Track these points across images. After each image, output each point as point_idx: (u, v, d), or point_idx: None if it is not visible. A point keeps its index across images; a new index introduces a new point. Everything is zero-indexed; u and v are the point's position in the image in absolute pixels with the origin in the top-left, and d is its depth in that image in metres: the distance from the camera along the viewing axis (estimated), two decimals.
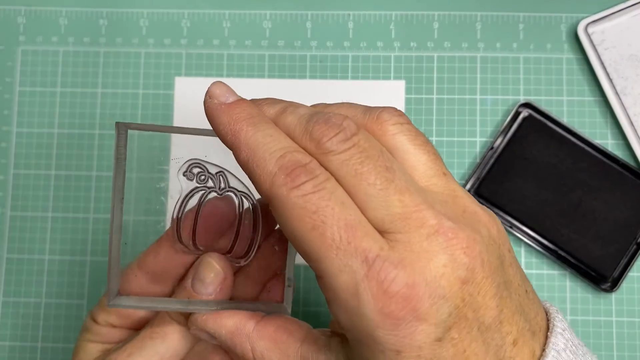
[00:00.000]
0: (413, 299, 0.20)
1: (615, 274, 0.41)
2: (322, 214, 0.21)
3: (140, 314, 0.31)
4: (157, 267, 0.29)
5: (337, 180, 0.22)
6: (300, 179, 0.22)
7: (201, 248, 0.29)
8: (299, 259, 0.30)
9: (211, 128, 0.25)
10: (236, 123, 0.24)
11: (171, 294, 0.30)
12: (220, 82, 0.25)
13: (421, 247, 0.21)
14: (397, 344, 0.21)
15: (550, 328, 0.24)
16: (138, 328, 0.31)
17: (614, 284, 0.41)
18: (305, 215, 0.21)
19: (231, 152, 0.24)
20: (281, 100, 0.26)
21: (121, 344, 0.30)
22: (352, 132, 0.23)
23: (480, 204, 0.24)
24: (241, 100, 0.25)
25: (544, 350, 0.23)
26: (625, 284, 0.42)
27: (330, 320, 0.27)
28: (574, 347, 0.23)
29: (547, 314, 0.25)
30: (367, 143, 0.23)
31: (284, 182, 0.22)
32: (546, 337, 0.24)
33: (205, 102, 0.25)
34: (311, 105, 0.26)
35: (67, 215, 0.44)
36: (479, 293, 0.22)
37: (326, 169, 0.22)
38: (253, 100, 0.26)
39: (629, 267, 0.41)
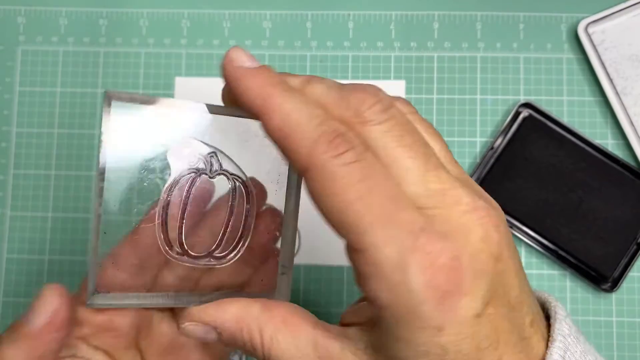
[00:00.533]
0: (458, 271, 0.20)
1: (616, 274, 0.41)
2: (367, 183, 0.20)
3: None
4: (136, 259, 0.27)
5: (374, 151, 0.21)
6: (342, 147, 0.21)
7: (187, 247, 0.27)
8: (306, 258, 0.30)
9: (202, 104, 0.24)
10: (267, 87, 0.22)
11: (150, 287, 0.28)
12: (240, 47, 0.24)
13: (459, 223, 0.21)
14: (439, 319, 0.20)
15: (553, 315, 0.24)
16: None
17: (614, 284, 0.41)
18: (350, 185, 0.20)
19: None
20: (300, 75, 0.24)
21: None
22: (389, 103, 0.22)
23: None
24: (267, 66, 0.23)
25: (549, 335, 0.23)
26: (625, 284, 0.42)
27: (344, 313, 0.26)
28: (576, 333, 0.24)
29: (545, 302, 0.25)
30: (402, 117, 0.22)
31: (326, 150, 0.21)
32: (547, 322, 0.24)
33: (225, 66, 0.23)
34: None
35: (67, 215, 0.44)
36: (506, 271, 0.22)
37: (364, 138, 0.22)
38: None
39: (629, 267, 0.41)
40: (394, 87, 0.44)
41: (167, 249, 0.26)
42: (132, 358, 0.29)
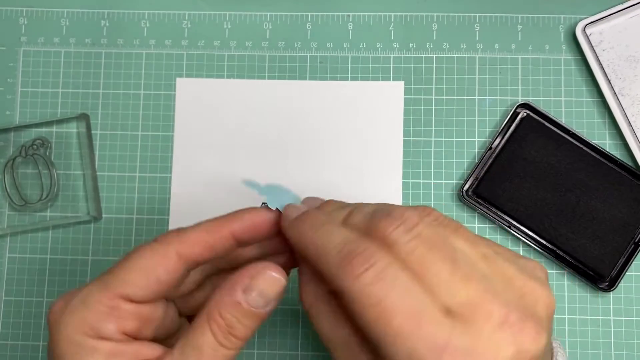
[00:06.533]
0: None
1: (613, 273, 0.41)
2: (384, 305, 0.22)
3: (159, 312, 0.27)
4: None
5: (404, 264, 0.23)
6: (361, 267, 0.22)
7: None
8: None
9: None
10: (304, 230, 0.26)
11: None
12: (292, 204, 0.28)
13: (489, 339, 0.22)
14: None
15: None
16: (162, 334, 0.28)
17: (612, 284, 0.41)
18: (369, 307, 0.22)
19: None
20: (349, 203, 0.28)
21: None
22: (414, 222, 0.23)
23: (530, 272, 0.25)
24: (306, 212, 0.27)
25: None
26: (623, 284, 0.42)
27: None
28: None
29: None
30: (431, 231, 0.24)
31: (344, 273, 0.23)
32: None
33: (282, 224, 0.28)
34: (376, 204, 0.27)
35: (68, 214, 0.44)
36: None
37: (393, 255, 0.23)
38: (324, 206, 0.28)
39: (626, 267, 0.41)
40: (393, 88, 0.44)
41: None
42: None
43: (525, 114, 0.43)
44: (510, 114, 0.43)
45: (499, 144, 0.43)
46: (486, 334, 0.22)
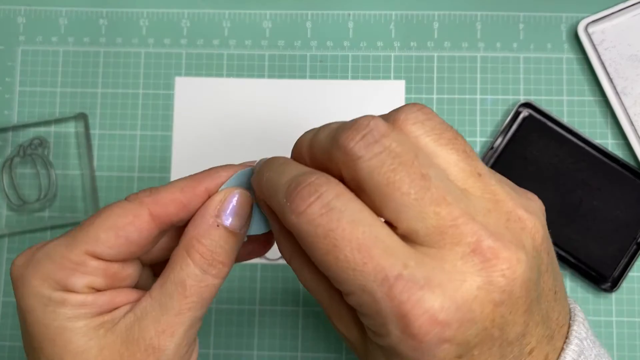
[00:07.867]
0: (440, 323, 0.19)
1: (616, 273, 0.41)
2: (332, 238, 0.20)
3: (129, 271, 0.26)
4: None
5: (367, 188, 0.21)
6: (308, 199, 0.20)
7: None
8: None
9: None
10: (259, 174, 0.24)
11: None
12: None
13: (454, 267, 0.20)
14: (417, 358, 0.20)
15: (572, 317, 0.24)
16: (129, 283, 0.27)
17: (614, 284, 0.41)
18: (317, 242, 0.20)
19: None
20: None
21: (138, 309, 0.25)
22: (382, 133, 0.21)
23: (524, 202, 0.22)
24: (271, 157, 0.25)
25: (566, 338, 0.23)
26: (625, 284, 0.42)
27: None
28: (593, 337, 0.24)
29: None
30: (399, 146, 0.21)
31: (291, 208, 0.21)
32: (565, 337, 0.23)
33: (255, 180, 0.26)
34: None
35: (65, 215, 0.44)
36: (511, 312, 0.20)
37: (356, 177, 0.21)
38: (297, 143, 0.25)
39: (629, 267, 0.41)
40: (394, 87, 0.44)
41: None
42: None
43: (527, 114, 0.43)
44: (512, 113, 0.43)
45: (500, 143, 0.43)
46: (450, 262, 0.20)
